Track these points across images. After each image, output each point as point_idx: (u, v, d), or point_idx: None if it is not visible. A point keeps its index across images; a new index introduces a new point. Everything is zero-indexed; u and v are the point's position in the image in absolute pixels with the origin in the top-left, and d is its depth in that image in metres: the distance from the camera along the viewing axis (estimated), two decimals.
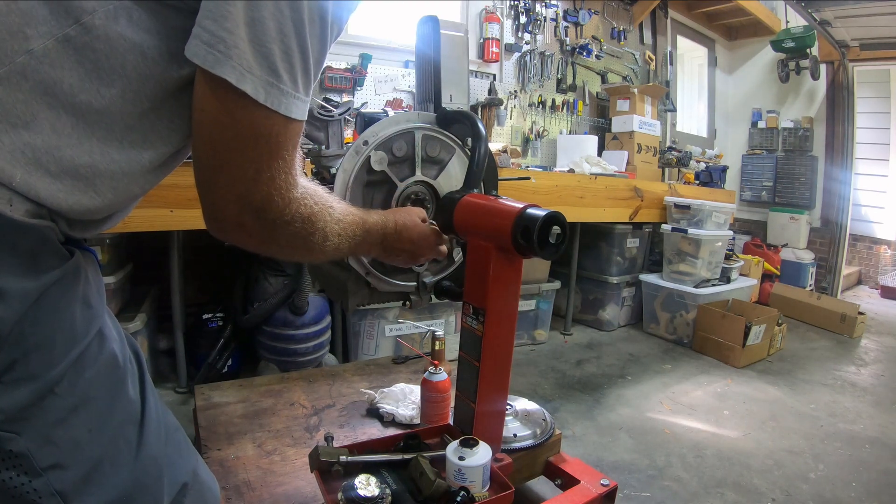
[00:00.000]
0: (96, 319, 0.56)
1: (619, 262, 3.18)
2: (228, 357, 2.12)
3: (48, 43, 0.48)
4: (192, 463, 0.68)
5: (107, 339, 0.57)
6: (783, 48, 4.41)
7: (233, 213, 0.58)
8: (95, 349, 0.55)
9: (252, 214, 0.59)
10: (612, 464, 1.69)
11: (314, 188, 0.68)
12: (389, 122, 1.05)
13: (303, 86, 0.58)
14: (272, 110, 0.55)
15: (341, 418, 1.37)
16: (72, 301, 0.52)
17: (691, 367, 2.66)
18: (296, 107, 0.57)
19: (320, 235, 0.68)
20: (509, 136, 3.52)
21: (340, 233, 0.73)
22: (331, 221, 0.70)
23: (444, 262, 1.18)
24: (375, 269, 1.07)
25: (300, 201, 0.63)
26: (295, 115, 0.57)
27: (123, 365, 0.58)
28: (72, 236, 0.56)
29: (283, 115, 0.56)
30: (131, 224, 1.58)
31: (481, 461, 0.92)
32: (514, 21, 3.50)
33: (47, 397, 0.49)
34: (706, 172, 3.97)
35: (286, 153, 0.59)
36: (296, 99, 0.57)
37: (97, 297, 0.57)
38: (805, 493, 1.59)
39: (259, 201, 0.58)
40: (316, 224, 0.67)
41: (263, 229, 0.61)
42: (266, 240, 0.63)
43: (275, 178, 0.58)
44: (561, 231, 0.88)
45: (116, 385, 0.57)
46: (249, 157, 0.56)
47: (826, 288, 4.52)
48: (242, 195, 0.57)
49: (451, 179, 1.10)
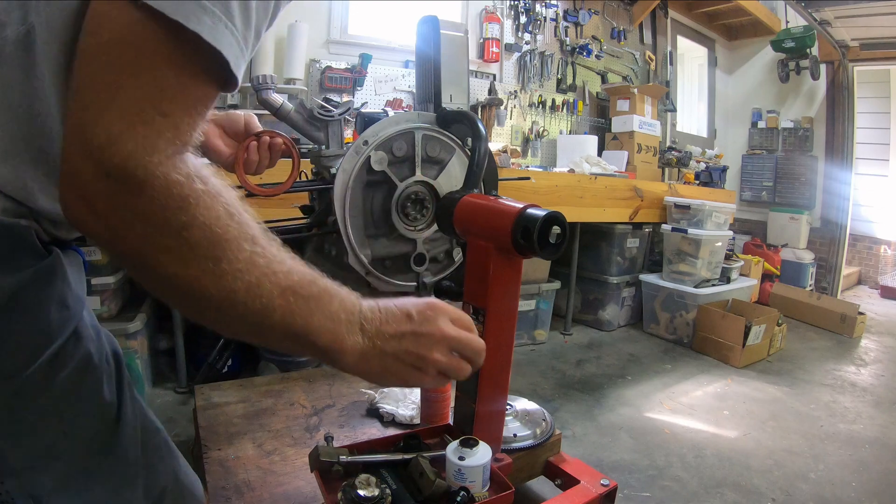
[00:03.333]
0: (72, 320, 0.53)
1: (619, 262, 3.18)
2: (228, 357, 2.12)
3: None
4: (173, 466, 0.65)
5: (82, 338, 0.54)
6: (783, 48, 4.41)
7: (73, 151, 0.40)
8: (70, 349, 0.52)
9: (91, 158, 0.39)
10: (612, 464, 1.69)
11: (226, 187, 0.46)
12: (389, 122, 1.05)
13: (239, 12, 0.43)
14: (170, 19, 0.39)
15: (341, 418, 1.37)
16: (46, 300, 0.50)
17: (691, 367, 2.66)
18: (211, 29, 0.41)
19: (208, 243, 0.43)
20: (509, 136, 3.53)
21: (257, 262, 0.46)
22: (239, 236, 0.45)
23: (444, 262, 1.18)
24: (375, 269, 1.07)
25: (184, 175, 0.42)
26: (206, 36, 0.41)
27: (99, 365, 0.56)
28: (58, 237, 0.54)
29: (188, 29, 0.40)
30: None
31: (481, 461, 0.91)
32: (514, 21, 3.50)
33: (19, 398, 0.48)
34: (706, 172, 3.97)
35: (179, 97, 0.42)
36: (213, 18, 0.41)
37: (75, 297, 0.54)
38: (805, 493, 1.59)
39: (101, 136, 0.39)
40: (198, 217, 0.43)
41: (111, 196, 0.40)
42: (113, 222, 0.41)
43: (146, 119, 0.40)
44: (561, 231, 0.88)
45: (91, 387, 0.55)
46: (113, 73, 0.40)
47: (826, 288, 4.52)
48: (85, 126, 0.39)
49: (451, 179, 1.10)
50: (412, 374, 0.57)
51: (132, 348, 1.80)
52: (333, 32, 2.88)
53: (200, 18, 0.40)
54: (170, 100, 0.42)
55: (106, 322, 1.77)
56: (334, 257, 1.11)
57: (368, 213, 1.06)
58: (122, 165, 0.39)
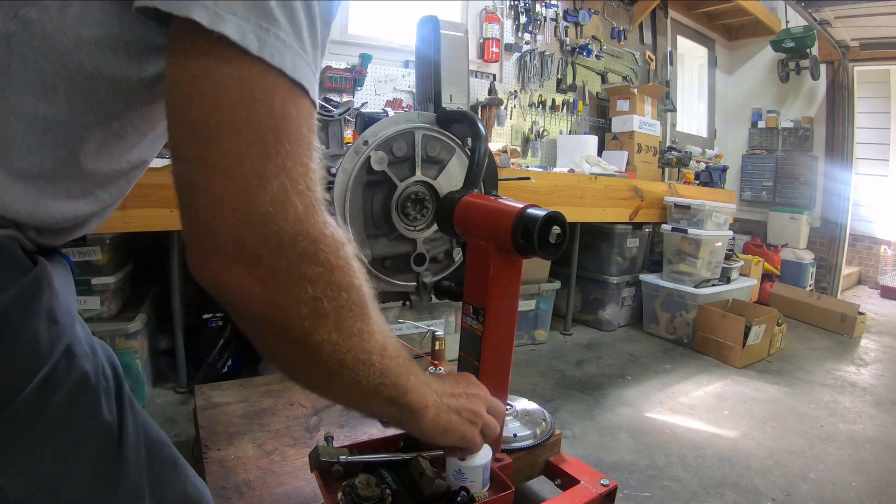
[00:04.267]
0: (63, 336, 0.49)
1: (619, 262, 3.18)
2: (228, 357, 2.12)
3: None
4: (181, 482, 0.62)
5: (76, 357, 0.50)
6: (783, 48, 4.41)
7: (229, 222, 0.39)
8: (63, 370, 0.48)
9: (255, 227, 0.39)
10: (612, 464, 1.69)
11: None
12: (389, 122, 1.05)
13: (310, 46, 0.41)
14: (270, 65, 0.38)
15: (341, 418, 1.37)
16: (34, 319, 0.45)
17: (691, 367, 2.66)
18: (303, 70, 0.40)
19: (362, 304, 0.45)
20: (509, 136, 3.53)
21: (385, 331, 0.49)
22: (372, 313, 0.47)
23: (444, 262, 1.18)
24: (375, 269, 1.07)
25: (332, 236, 0.42)
26: (303, 81, 0.40)
27: (96, 383, 0.52)
28: (43, 244, 0.50)
29: (287, 76, 0.39)
30: (131, 224, 1.58)
31: (481, 461, 0.91)
32: (514, 21, 3.50)
33: (13, 427, 0.44)
34: (706, 172, 3.97)
35: (300, 136, 0.40)
36: (302, 59, 0.40)
37: (64, 311, 0.49)
38: (805, 493, 1.59)
39: (267, 204, 0.38)
40: (357, 277, 0.44)
41: (274, 257, 0.40)
42: (280, 284, 0.41)
43: (288, 171, 0.39)
44: (561, 231, 0.88)
45: (90, 407, 0.51)
46: (246, 139, 0.38)
47: (826, 288, 4.52)
48: (239, 197, 0.38)
49: (451, 179, 1.11)
50: (468, 428, 0.65)
51: (132, 348, 1.80)
52: (333, 32, 2.87)
53: (309, 75, 0.40)
54: (306, 152, 0.41)
55: (106, 322, 1.77)
56: None
57: (368, 212, 1.06)
58: (277, 217, 0.39)
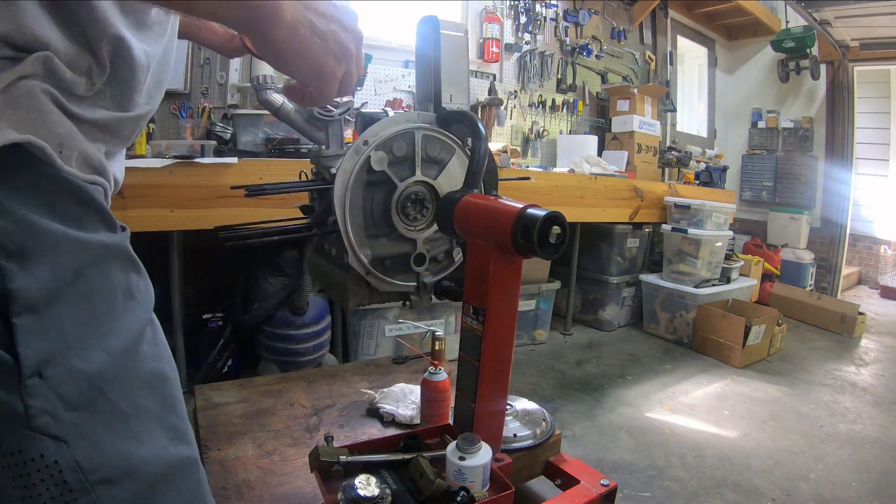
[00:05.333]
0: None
1: (619, 262, 3.18)
2: (228, 357, 2.12)
3: None
4: None
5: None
6: (783, 48, 4.41)
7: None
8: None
9: None
10: (612, 464, 1.69)
11: None
12: (389, 122, 1.05)
13: None
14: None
15: (341, 418, 1.37)
16: (115, 285, 0.48)
17: (691, 367, 2.66)
18: None
19: None
20: (509, 136, 3.53)
21: None
22: None
23: (444, 262, 1.18)
24: (375, 269, 1.07)
25: None
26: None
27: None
28: (80, 116, 0.47)
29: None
30: (131, 224, 1.57)
31: (481, 461, 0.91)
32: (514, 21, 3.50)
33: (95, 402, 0.44)
34: (706, 172, 3.97)
35: None
36: None
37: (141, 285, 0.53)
38: (805, 493, 1.59)
39: None
40: None
41: None
42: None
43: None
44: (561, 231, 0.88)
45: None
46: None
47: (826, 288, 4.52)
48: None
49: (451, 179, 1.10)
50: (329, 60, 0.53)
51: None
52: None
53: None
54: None
55: None
56: (334, 257, 1.11)
57: (368, 213, 1.06)
58: None
